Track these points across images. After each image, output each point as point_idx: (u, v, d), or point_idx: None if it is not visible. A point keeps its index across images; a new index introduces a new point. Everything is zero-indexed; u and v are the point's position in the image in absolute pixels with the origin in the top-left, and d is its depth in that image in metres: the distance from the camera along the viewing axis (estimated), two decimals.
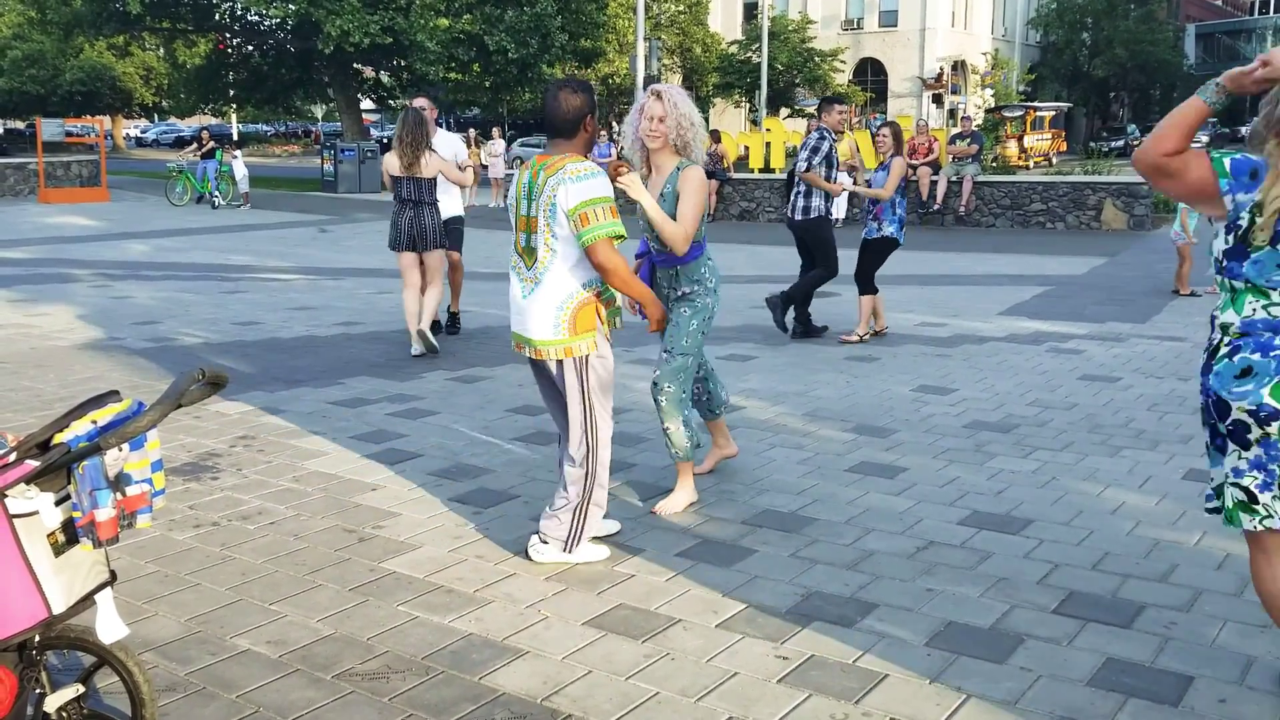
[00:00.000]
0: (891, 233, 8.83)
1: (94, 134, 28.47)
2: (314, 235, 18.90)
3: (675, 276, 4.83)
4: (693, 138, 4.65)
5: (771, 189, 22.02)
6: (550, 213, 4.02)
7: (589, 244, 3.97)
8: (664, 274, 4.86)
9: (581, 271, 4.10)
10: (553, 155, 4.10)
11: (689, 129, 4.63)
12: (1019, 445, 5.88)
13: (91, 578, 2.52)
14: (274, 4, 29.05)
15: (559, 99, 4.09)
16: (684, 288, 4.81)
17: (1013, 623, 3.70)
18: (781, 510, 4.86)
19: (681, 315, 4.79)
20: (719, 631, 3.66)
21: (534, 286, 4.12)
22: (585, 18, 31.64)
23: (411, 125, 8.06)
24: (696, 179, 4.63)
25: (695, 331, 4.79)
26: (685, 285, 4.81)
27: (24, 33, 45.74)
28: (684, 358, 4.78)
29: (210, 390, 2.50)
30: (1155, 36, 52.61)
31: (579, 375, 4.13)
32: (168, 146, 58.81)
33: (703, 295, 4.81)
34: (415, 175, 8.17)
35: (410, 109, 8.24)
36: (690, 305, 4.80)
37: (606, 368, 4.22)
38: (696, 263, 4.80)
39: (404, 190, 8.26)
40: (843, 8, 50.68)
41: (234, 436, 6.02)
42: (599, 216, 3.97)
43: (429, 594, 3.96)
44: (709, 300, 4.83)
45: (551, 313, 4.08)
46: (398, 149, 8.15)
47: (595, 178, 4.00)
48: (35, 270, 13.33)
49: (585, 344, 4.10)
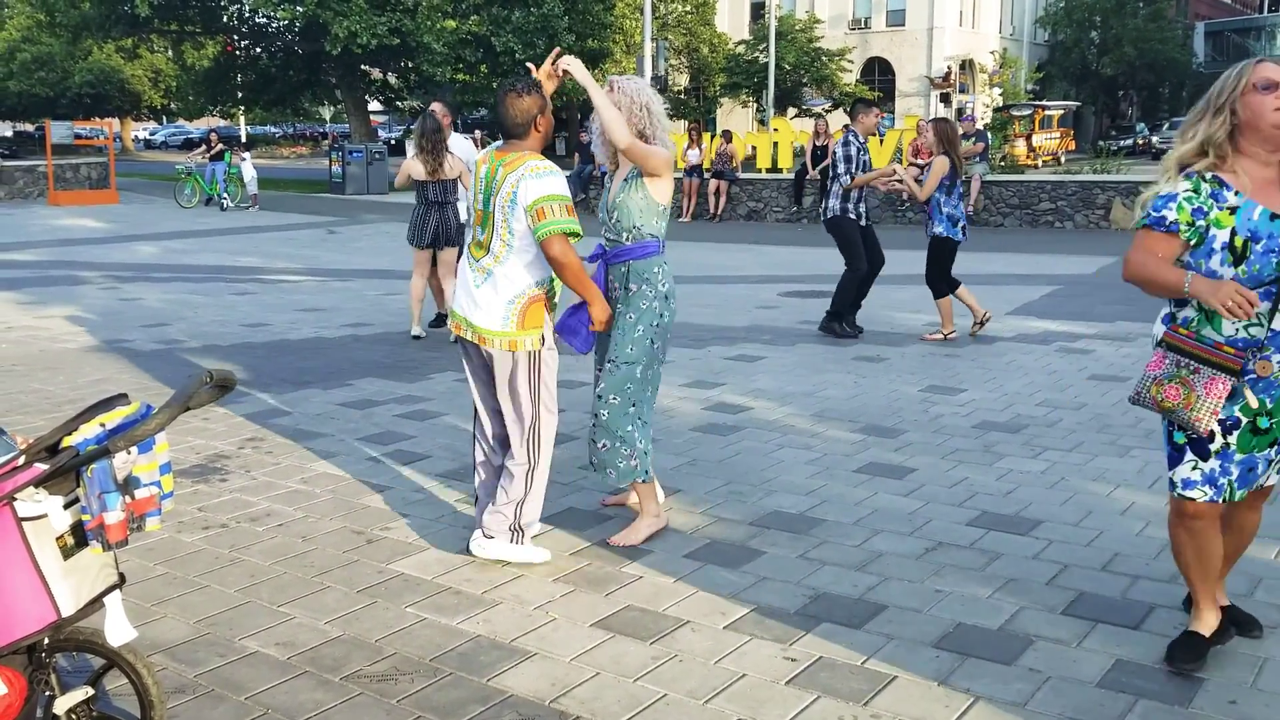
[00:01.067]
0: (940, 232, 8.78)
1: (103, 136, 28.54)
2: (322, 237, 18.93)
3: (625, 274, 4.45)
4: (647, 125, 4.38)
5: (779, 189, 22.01)
6: (509, 207, 4.03)
7: (544, 238, 3.98)
8: (615, 272, 4.49)
9: (536, 270, 4.12)
10: (510, 153, 4.12)
11: (642, 116, 4.37)
12: (1028, 445, 5.86)
13: (100, 580, 2.52)
14: (281, 6, 29.11)
15: (506, 102, 4.09)
16: (631, 284, 4.43)
17: (1022, 624, 3.69)
18: (790, 511, 4.85)
19: (626, 321, 4.42)
20: (727, 633, 3.65)
21: (485, 278, 4.15)
22: (592, 18, 31.64)
23: (430, 132, 8.61)
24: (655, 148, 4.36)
25: (642, 339, 4.40)
26: (633, 282, 4.43)
27: (33, 35, 45.90)
28: (629, 366, 4.39)
29: (218, 393, 2.51)
30: (1164, 35, 52.40)
31: (530, 369, 4.14)
32: (176, 148, 58.94)
33: (650, 298, 4.41)
34: (440, 178, 8.71)
35: (429, 115, 8.60)
36: (635, 309, 4.42)
37: (554, 358, 4.23)
38: (648, 261, 4.43)
39: (430, 193, 8.79)
40: (850, 7, 50.59)
41: (242, 438, 6.03)
42: (555, 212, 3.99)
43: (437, 595, 3.96)
44: (655, 304, 4.42)
45: (501, 307, 4.10)
46: (420, 156, 8.55)
47: (554, 175, 4.04)
48: (44, 272, 13.37)
49: (531, 339, 4.11)
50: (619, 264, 4.48)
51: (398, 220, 21.41)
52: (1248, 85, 3.09)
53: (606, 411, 4.41)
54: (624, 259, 4.47)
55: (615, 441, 4.41)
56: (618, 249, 4.48)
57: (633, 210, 4.44)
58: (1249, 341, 3.09)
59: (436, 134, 8.56)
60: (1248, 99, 3.09)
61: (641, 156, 4.33)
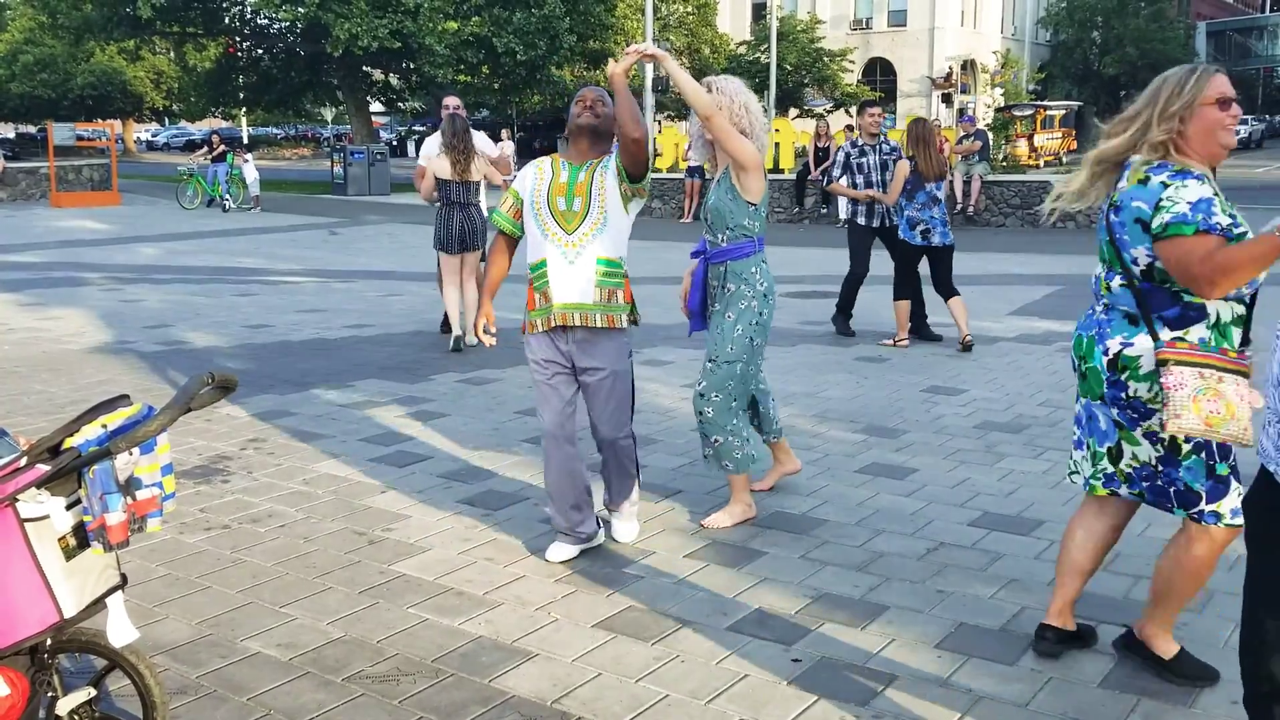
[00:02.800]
0: (901, 235, 8.72)
1: (105, 138, 28.55)
2: (324, 238, 18.94)
3: (723, 274, 4.62)
4: (747, 123, 4.53)
5: (781, 189, 22.00)
6: None
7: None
8: (714, 271, 4.67)
9: (528, 256, 4.27)
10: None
11: (742, 115, 4.52)
12: (1030, 446, 5.86)
13: (103, 581, 2.52)
14: (283, 7, 29.14)
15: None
16: (729, 284, 4.60)
17: (1024, 624, 3.69)
18: (791, 512, 4.85)
19: (725, 320, 4.59)
20: (729, 634, 3.65)
21: None
22: (593, 19, 31.68)
23: (460, 131, 8.46)
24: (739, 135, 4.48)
25: (741, 337, 4.56)
26: (731, 282, 4.59)
27: (35, 37, 46.01)
28: (730, 365, 4.56)
29: (220, 394, 2.51)
30: (1166, 35, 52.39)
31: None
32: (178, 150, 59.01)
33: (748, 297, 4.57)
34: (465, 179, 8.55)
35: (456, 116, 8.47)
36: (734, 308, 4.57)
37: (532, 354, 4.27)
38: (747, 260, 4.59)
39: (453, 193, 8.60)
40: (851, 8, 50.60)
41: (244, 439, 6.03)
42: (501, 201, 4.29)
43: (439, 596, 3.97)
44: (754, 303, 4.57)
45: None
46: (448, 155, 8.41)
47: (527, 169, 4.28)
48: (47, 274, 13.38)
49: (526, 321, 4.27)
50: (718, 264, 4.67)
51: (399, 221, 21.43)
52: (1205, 97, 2.97)
53: (711, 409, 4.61)
54: (722, 259, 4.64)
55: (726, 436, 4.61)
56: (716, 249, 4.65)
57: (724, 211, 4.59)
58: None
59: (465, 133, 8.46)
60: (1203, 111, 2.97)
61: (724, 133, 4.41)
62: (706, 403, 4.61)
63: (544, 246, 4.15)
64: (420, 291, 11.73)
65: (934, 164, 8.54)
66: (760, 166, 4.54)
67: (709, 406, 4.61)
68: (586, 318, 4.15)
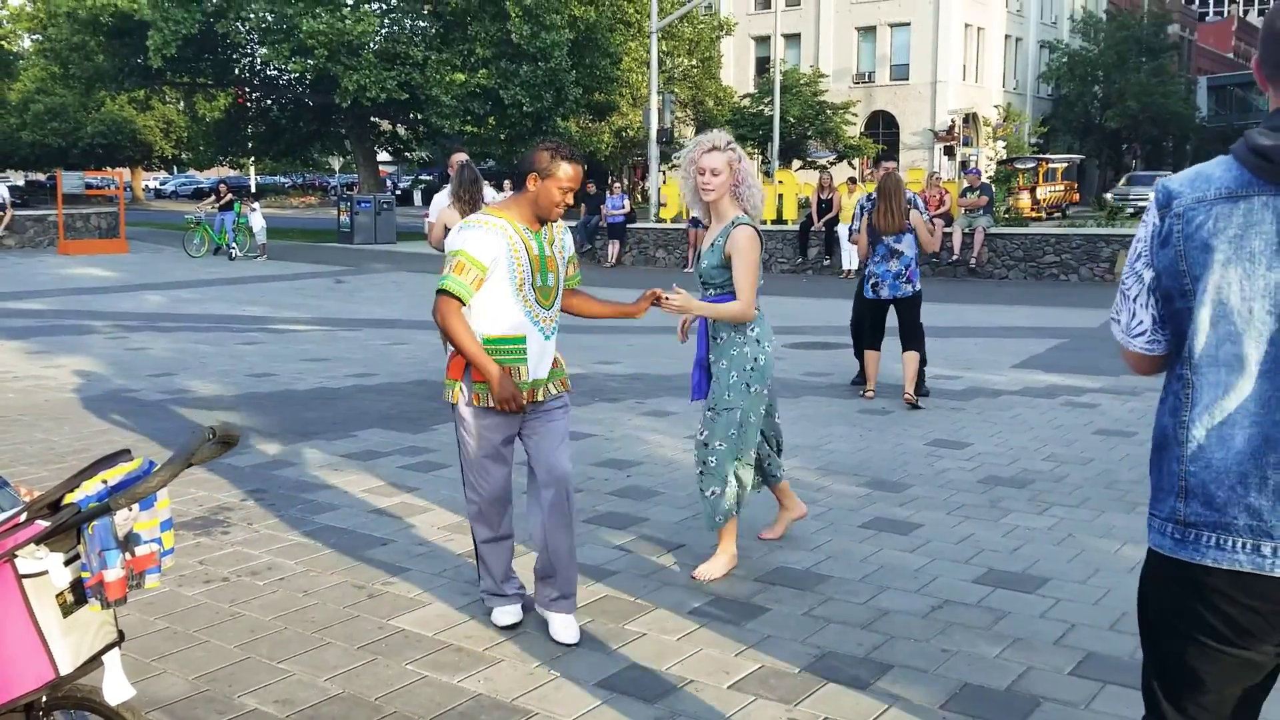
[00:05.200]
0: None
1: (113, 186, 28.79)
2: (329, 286, 19.02)
3: (715, 324, 4.73)
4: (750, 186, 4.66)
5: (784, 240, 22.10)
6: None
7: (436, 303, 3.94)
8: (712, 326, 4.77)
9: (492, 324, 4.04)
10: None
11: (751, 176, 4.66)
12: (1034, 501, 5.83)
13: (100, 638, 2.50)
14: (293, 59, 29.48)
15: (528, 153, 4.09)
16: (721, 333, 4.69)
17: (1029, 684, 3.65)
18: (795, 567, 4.81)
19: (719, 368, 4.69)
20: (731, 693, 3.61)
21: None
22: (599, 72, 31.99)
23: (468, 183, 8.45)
24: (746, 240, 4.56)
25: (738, 384, 4.63)
26: (722, 331, 4.69)
27: (47, 87, 46.48)
28: (729, 412, 4.62)
29: (221, 449, 2.50)
30: (1167, 89, 52.87)
31: (454, 419, 4.16)
32: (186, 198, 59.47)
33: (739, 344, 4.65)
34: None
35: (466, 166, 8.52)
36: (726, 356, 4.66)
37: (468, 429, 4.05)
38: None
39: None
40: (854, 61, 51.14)
41: (246, 490, 6.02)
42: (444, 269, 3.94)
43: (438, 652, 3.93)
44: (746, 349, 4.65)
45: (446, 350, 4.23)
46: (457, 206, 8.46)
47: (471, 229, 3.93)
48: (52, 322, 13.43)
49: (451, 390, 4.08)
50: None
51: (405, 270, 21.52)
52: None
53: (714, 459, 4.63)
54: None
55: (723, 486, 4.64)
56: (709, 299, 4.71)
57: (713, 274, 4.69)
58: None
59: (474, 184, 8.53)
60: None
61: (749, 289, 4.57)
62: (710, 452, 4.64)
63: (523, 324, 3.98)
64: (425, 341, 11.74)
65: (893, 218, 8.46)
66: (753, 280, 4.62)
67: (712, 456, 4.64)
68: (548, 390, 4.10)
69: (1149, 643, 2.10)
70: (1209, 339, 1.90)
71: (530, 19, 28.76)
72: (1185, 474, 1.94)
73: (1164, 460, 2.00)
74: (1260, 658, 1.94)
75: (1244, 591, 1.89)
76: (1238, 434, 1.88)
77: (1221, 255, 1.88)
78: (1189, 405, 1.94)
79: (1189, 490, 1.93)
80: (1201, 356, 1.92)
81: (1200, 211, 1.91)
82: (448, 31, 31.71)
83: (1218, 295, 1.89)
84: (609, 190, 24.65)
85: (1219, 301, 1.89)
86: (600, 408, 8.27)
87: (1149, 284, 2.00)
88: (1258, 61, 1.97)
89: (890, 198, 8.52)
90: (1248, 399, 1.87)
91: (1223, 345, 1.89)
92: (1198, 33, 72.94)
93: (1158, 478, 2.03)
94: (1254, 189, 1.87)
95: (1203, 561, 1.92)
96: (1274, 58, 1.92)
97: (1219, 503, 1.89)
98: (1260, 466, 1.86)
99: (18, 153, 52.54)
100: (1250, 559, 1.87)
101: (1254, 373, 1.87)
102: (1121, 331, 2.09)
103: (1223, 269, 1.88)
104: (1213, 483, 1.90)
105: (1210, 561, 1.91)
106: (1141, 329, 2.05)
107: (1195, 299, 1.92)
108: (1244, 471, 1.87)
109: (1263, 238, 1.85)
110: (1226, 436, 1.89)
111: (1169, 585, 2.02)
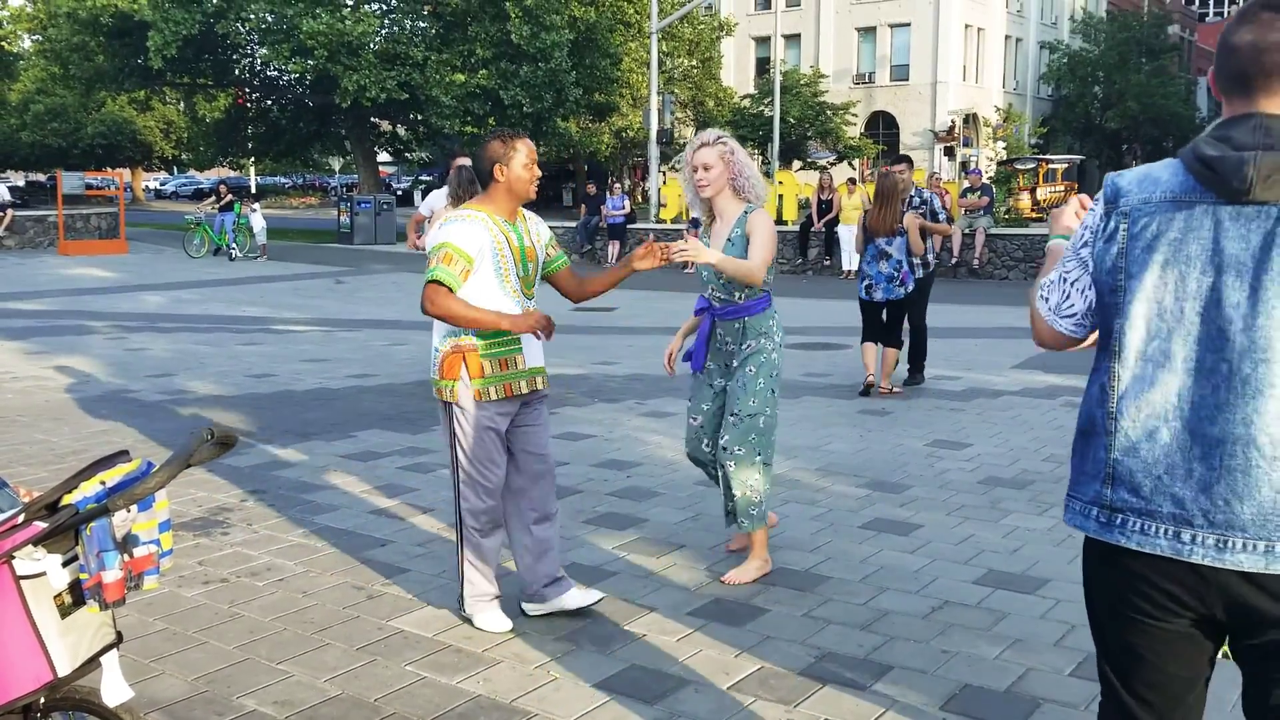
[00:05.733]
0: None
1: (113, 187, 28.78)
2: (329, 287, 19.02)
3: (740, 330, 4.64)
4: (749, 176, 4.64)
5: (784, 240, 22.10)
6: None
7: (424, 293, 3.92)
8: (726, 328, 4.69)
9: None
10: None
11: (747, 167, 4.65)
12: (1034, 501, 5.82)
13: (98, 639, 2.50)
14: (293, 60, 29.49)
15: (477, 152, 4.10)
16: (749, 341, 4.62)
17: (1029, 685, 3.65)
18: (794, 568, 4.81)
19: (747, 374, 4.58)
20: (731, 693, 3.60)
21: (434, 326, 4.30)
22: (599, 73, 32.01)
23: (466, 184, 8.47)
24: (765, 221, 4.61)
25: (763, 390, 4.58)
26: (751, 338, 4.62)
27: (47, 87, 46.50)
28: (752, 419, 4.56)
29: (219, 450, 2.50)
30: (1168, 90, 52.85)
31: (447, 421, 4.12)
32: (186, 199, 59.46)
33: (768, 350, 4.62)
34: None
35: (464, 169, 8.55)
36: (755, 362, 4.59)
37: (471, 423, 4.03)
38: (764, 314, 4.66)
39: None
40: (854, 62, 51.12)
41: (245, 491, 6.01)
42: (431, 262, 3.93)
43: (437, 653, 3.92)
44: (774, 355, 4.63)
45: (431, 353, 4.23)
46: (454, 205, 8.50)
47: (455, 224, 3.95)
48: (53, 322, 13.43)
49: (448, 390, 4.06)
50: (732, 320, 4.66)
51: (405, 270, 21.51)
52: None
53: (733, 463, 4.55)
54: (738, 315, 4.65)
55: (747, 491, 4.57)
56: (730, 306, 4.65)
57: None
58: None
59: (472, 186, 8.56)
60: None
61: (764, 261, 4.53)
62: (729, 456, 4.57)
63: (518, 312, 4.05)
64: (424, 341, 11.72)
65: (885, 219, 8.59)
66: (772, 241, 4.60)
67: (731, 460, 4.56)
68: (545, 380, 4.25)
69: (1094, 623, 2.17)
70: (1140, 335, 1.99)
71: (530, 19, 28.77)
72: (1112, 462, 2.03)
73: (1090, 447, 2.09)
74: (1189, 630, 2.01)
75: (1161, 574, 1.98)
76: (1163, 427, 1.97)
77: (1160, 256, 1.97)
78: (1116, 397, 2.02)
79: (1116, 477, 2.02)
80: (1131, 351, 2.00)
81: (1144, 213, 1.99)
82: (448, 32, 31.72)
83: (1153, 294, 1.97)
84: (609, 191, 24.66)
85: (1154, 300, 1.97)
86: (600, 408, 8.27)
87: (1092, 273, 2.08)
88: (1212, 74, 2.05)
89: (883, 199, 8.60)
90: (1173, 394, 1.96)
91: (1152, 342, 1.98)
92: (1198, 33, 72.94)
93: (1081, 462, 2.12)
94: (1197, 195, 1.95)
95: (1126, 544, 2.01)
96: (1226, 69, 2.00)
97: (1145, 491, 1.98)
98: (1186, 460, 1.94)
99: (18, 153, 52.56)
100: (1171, 544, 1.96)
101: (1180, 370, 1.95)
102: (1049, 310, 2.16)
103: (1161, 270, 1.96)
104: (1140, 472, 1.99)
105: (1135, 545, 2.00)
106: (1072, 311, 2.13)
107: (1127, 295, 2.00)
108: (1171, 463, 1.96)
109: (1200, 243, 1.93)
110: (1153, 429, 1.98)
111: (1097, 563, 2.11)
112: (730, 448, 4.56)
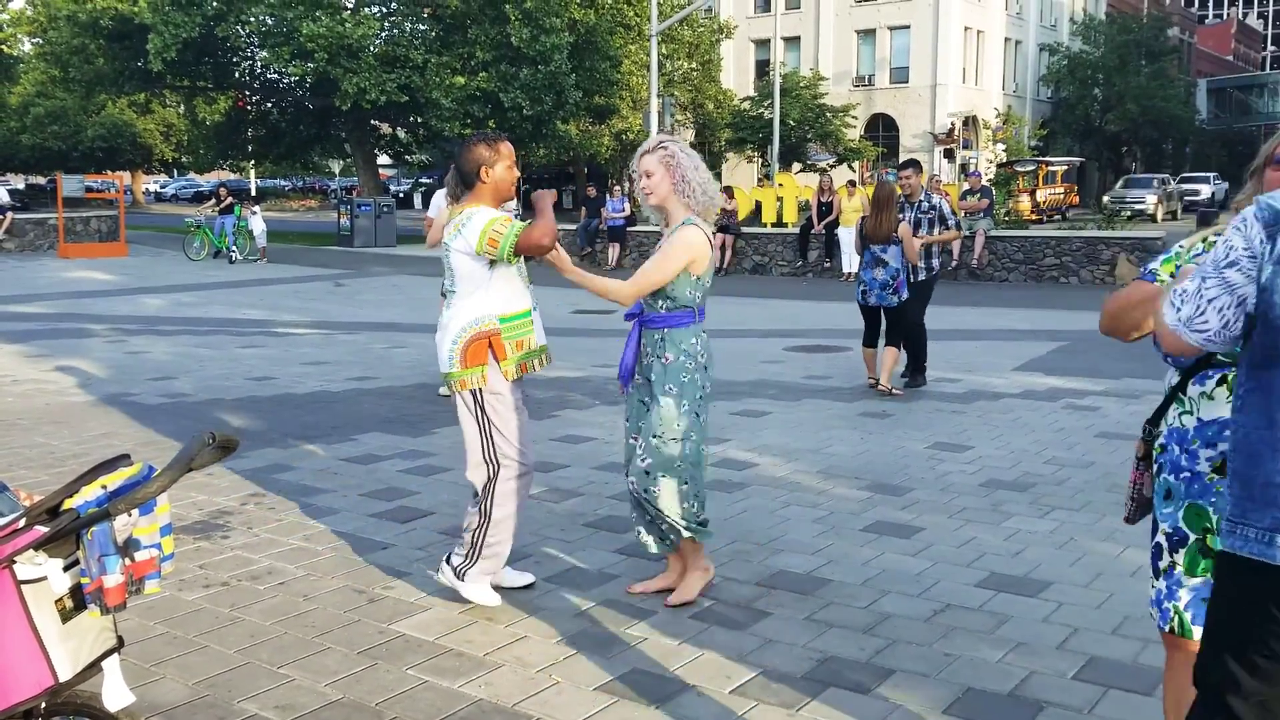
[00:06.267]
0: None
1: (114, 189, 28.81)
2: (329, 289, 19.01)
3: (661, 342, 4.34)
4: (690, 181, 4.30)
5: (784, 243, 22.10)
6: (447, 254, 4.33)
7: (517, 252, 4.20)
8: (649, 337, 4.38)
9: (476, 308, 4.28)
10: (463, 207, 4.40)
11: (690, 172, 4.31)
12: (1036, 504, 5.82)
13: (99, 644, 2.49)
14: (293, 63, 29.47)
15: (460, 154, 4.39)
16: (668, 354, 4.31)
17: (1032, 689, 3.64)
18: (796, 571, 4.80)
19: (667, 393, 4.28)
20: (733, 698, 3.60)
21: (441, 326, 4.38)
22: (599, 75, 31.98)
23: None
24: (676, 238, 4.27)
25: (687, 413, 4.29)
26: (669, 352, 4.31)
27: (47, 90, 46.48)
28: (675, 443, 4.28)
29: (220, 454, 2.49)
30: (1168, 92, 52.88)
31: (474, 408, 4.31)
32: (186, 201, 59.46)
33: (690, 369, 4.31)
34: None
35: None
36: (675, 381, 4.29)
37: (505, 404, 4.31)
38: (685, 330, 4.33)
39: None
40: (854, 65, 51.13)
41: (245, 494, 6.01)
42: (500, 232, 4.18)
43: (438, 657, 3.92)
44: (697, 377, 4.32)
45: (447, 348, 4.31)
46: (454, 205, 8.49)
47: (480, 213, 4.25)
48: (53, 325, 13.42)
49: (475, 377, 4.25)
50: (654, 330, 4.37)
51: (405, 273, 21.51)
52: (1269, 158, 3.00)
53: (659, 489, 4.29)
54: (659, 326, 4.36)
55: (675, 518, 4.33)
56: (653, 314, 4.38)
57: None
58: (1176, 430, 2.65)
59: None
60: (1267, 173, 3.01)
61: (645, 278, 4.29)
62: (653, 481, 4.29)
63: (527, 297, 4.40)
64: (424, 344, 11.73)
65: (880, 226, 8.68)
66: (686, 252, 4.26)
67: (656, 485, 4.29)
68: (550, 357, 4.58)
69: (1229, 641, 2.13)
70: None
71: (530, 22, 28.75)
72: None
73: (1257, 471, 2.05)
74: None
75: None
76: None
77: None
78: None
79: None
80: None
81: None
82: (448, 34, 31.69)
83: None
84: (609, 193, 24.65)
85: None
86: (600, 411, 8.26)
87: (1239, 298, 2.06)
88: None
89: (880, 207, 8.67)
90: None
91: None
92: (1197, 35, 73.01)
93: (1247, 489, 2.08)
94: None
95: None
96: None
97: None
98: None
99: (18, 156, 52.58)
100: None
101: None
102: (1179, 320, 2.13)
103: None
104: None
105: None
106: (1206, 327, 2.10)
107: None
108: None
109: None
110: None
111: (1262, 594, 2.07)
112: (654, 471, 4.29)
